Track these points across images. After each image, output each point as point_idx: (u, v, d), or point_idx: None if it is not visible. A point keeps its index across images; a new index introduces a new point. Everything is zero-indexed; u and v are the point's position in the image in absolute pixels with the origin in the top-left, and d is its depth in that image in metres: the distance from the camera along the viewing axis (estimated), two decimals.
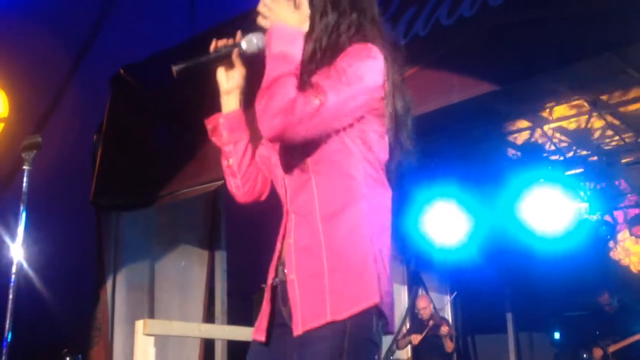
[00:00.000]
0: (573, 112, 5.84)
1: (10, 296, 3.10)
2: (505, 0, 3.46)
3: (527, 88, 4.94)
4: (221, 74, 1.94)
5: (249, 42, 1.89)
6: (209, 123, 1.99)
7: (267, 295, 1.83)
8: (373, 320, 1.69)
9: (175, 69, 1.84)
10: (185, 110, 5.03)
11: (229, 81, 1.94)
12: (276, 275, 1.81)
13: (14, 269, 3.17)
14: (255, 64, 1.91)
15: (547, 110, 5.78)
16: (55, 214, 5.77)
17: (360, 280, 1.68)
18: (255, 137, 1.95)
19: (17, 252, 3.22)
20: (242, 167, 1.96)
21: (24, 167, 3.26)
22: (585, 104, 5.69)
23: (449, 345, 7.06)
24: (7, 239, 4.35)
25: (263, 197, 2.02)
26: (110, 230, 5.91)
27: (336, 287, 1.67)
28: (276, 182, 1.89)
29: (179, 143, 5.13)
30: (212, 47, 1.91)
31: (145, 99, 5.56)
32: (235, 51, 1.89)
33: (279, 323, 1.80)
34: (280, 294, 1.79)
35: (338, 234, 1.70)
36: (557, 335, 7.81)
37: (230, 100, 1.96)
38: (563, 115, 5.90)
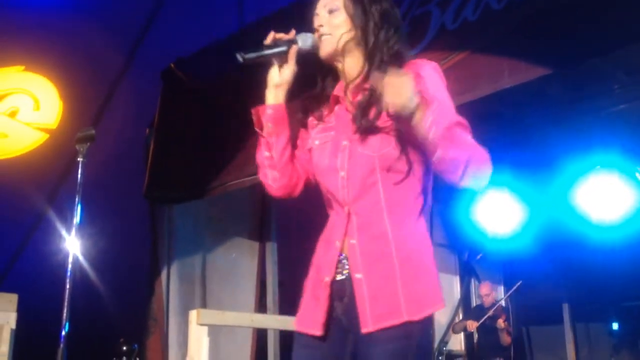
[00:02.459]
0: None
1: (67, 287, 3.17)
2: None
3: (583, 72, 4.78)
4: (274, 68, 2.00)
5: (304, 40, 1.96)
6: (255, 113, 2.05)
7: (325, 292, 1.88)
8: (433, 323, 1.89)
9: (241, 56, 1.91)
10: (234, 102, 5.06)
11: (281, 76, 1.99)
12: (336, 274, 1.87)
13: (70, 261, 3.24)
14: (304, 62, 1.99)
15: None
16: (110, 207, 5.89)
17: (431, 285, 1.81)
18: (294, 135, 2.04)
19: (73, 244, 3.29)
20: (282, 159, 2.02)
21: (78, 158, 3.33)
22: None
23: (506, 340, 6.93)
24: (63, 232, 4.46)
25: (296, 193, 2.09)
26: (163, 223, 6.00)
27: (410, 288, 1.78)
28: (329, 184, 1.93)
29: (229, 134, 5.17)
30: (269, 38, 1.97)
31: (196, 92, 5.62)
32: (295, 47, 1.96)
33: (334, 317, 1.88)
34: (337, 291, 1.87)
35: (407, 240, 1.82)
36: (615, 326, 7.60)
37: (278, 94, 2.01)
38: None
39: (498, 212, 6.99)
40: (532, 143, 5.97)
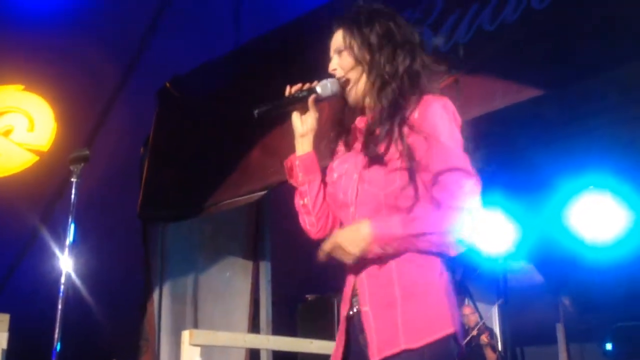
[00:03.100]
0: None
1: (59, 307, 3.16)
2: (550, 2, 3.39)
3: (575, 92, 4.82)
4: (296, 118, 2.05)
5: (324, 88, 1.98)
6: (286, 164, 2.12)
7: (341, 327, 1.94)
8: (451, 348, 1.79)
9: (256, 111, 1.96)
10: (229, 122, 5.07)
11: (304, 125, 2.05)
12: (351, 307, 1.93)
13: (62, 280, 3.23)
14: (325, 108, 2.04)
15: None
16: (103, 226, 5.87)
17: (433, 310, 1.80)
18: (324, 176, 2.09)
19: (66, 263, 3.28)
20: (316, 205, 2.07)
21: (72, 179, 3.33)
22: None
23: (490, 356, 6.99)
24: (56, 251, 4.45)
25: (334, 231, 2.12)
26: (156, 242, 5.97)
27: (408, 316, 1.79)
28: (343, 217, 2.01)
29: (223, 154, 5.18)
30: (287, 92, 2.02)
31: (191, 112, 5.63)
32: (313, 97, 1.99)
33: (355, 351, 1.92)
34: (357, 324, 1.91)
35: (410, 267, 1.83)
36: (609, 346, 7.59)
37: (304, 143, 2.07)
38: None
39: (491, 232, 6.99)
40: (525, 163, 5.99)
